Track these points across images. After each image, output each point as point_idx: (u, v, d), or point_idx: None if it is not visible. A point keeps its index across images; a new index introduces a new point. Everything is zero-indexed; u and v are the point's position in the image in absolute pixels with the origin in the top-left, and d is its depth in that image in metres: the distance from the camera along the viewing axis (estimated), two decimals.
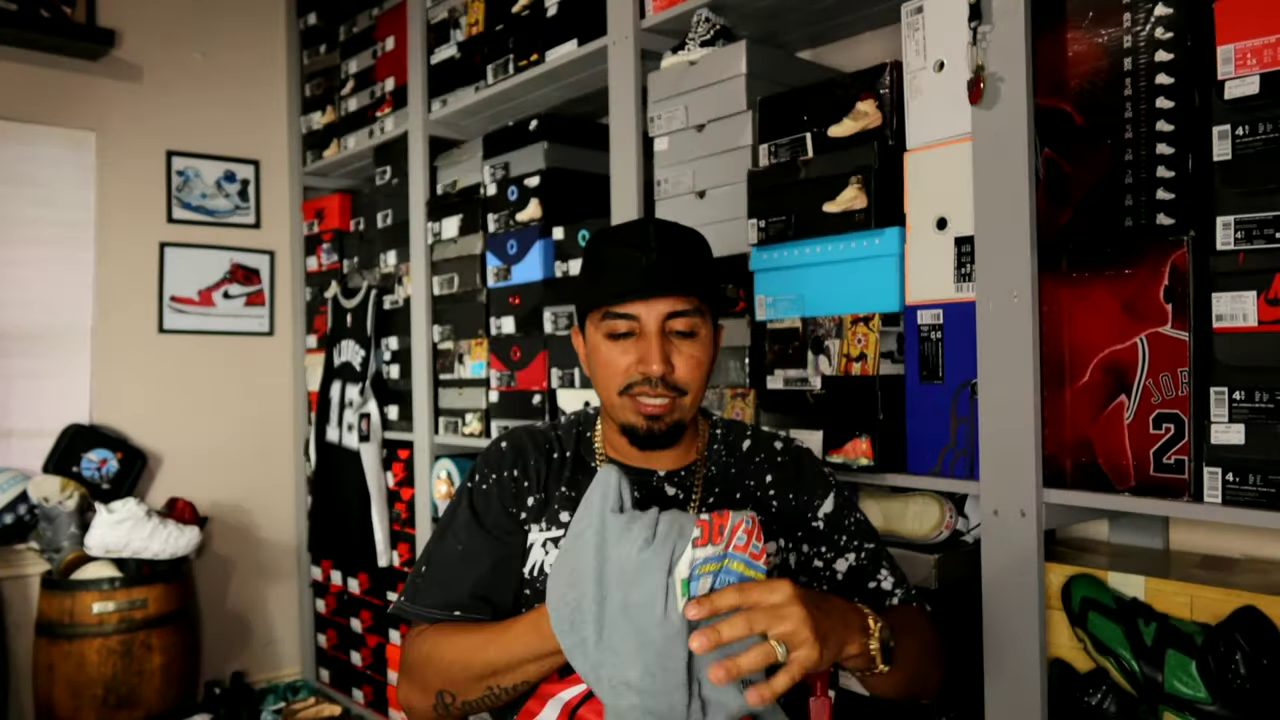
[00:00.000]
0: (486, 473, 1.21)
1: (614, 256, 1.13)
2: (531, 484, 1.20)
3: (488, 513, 1.18)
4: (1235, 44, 1.18)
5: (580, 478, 1.21)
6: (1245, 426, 1.19)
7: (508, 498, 1.19)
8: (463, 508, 1.20)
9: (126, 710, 2.69)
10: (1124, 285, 1.30)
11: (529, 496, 1.20)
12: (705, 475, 1.21)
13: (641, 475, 1.19)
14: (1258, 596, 1.22)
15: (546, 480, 1.21)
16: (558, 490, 1.20)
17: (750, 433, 1.28)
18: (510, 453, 1.22)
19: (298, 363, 3.51)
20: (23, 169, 3.02)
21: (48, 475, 2.90)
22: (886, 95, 1.58)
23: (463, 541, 1.18)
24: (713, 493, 1.20)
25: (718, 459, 1.24)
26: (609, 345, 1.14)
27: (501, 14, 2.42)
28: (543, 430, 1.27)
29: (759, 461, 1.24)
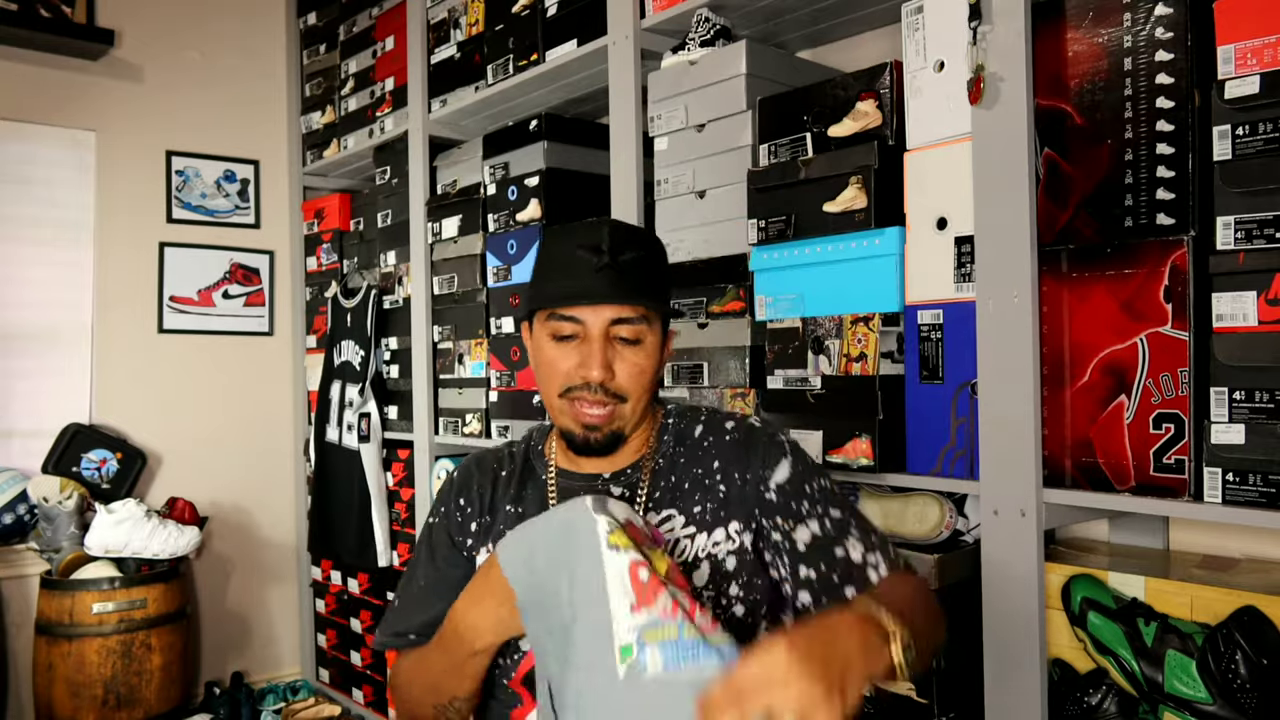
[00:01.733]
0: (438, 506, 1.25)
1: (565, 256, 1.11)
2: (474, 509, 1.21)
3: (438, 547, 1.22)
4: (1235, 44, 1.19)
5: (529, 490, 1.21)
6: (1245, 426, 1.19)
7: (453, 527, 1.22)
8: (421, 547, 1.25)
9: (126, 710, 2.69)
10: (1124, 285, 1.30)
11: (472, 523, 1.21)
12: (652, 469, 1.18)
13: (586, 480, 1.18)
14: (1258, 596, 1.22)
15: (491, 502, 1.21)
16: (504, 508, 1.20)
17: (705, 417, 1.24)
18: (457, 483, 1.25)
19: (298, 363, 3.51)
20: (23, 169, 3.01)
21: (47, 475, 2.90)
22: (886, 95, 1.58)
23: (422, 577, 1.22)
24: (659, 486, 1.17)
25: (666, 451, 1.20)
26: (552, 346, 1.12)
27: (501, 14, 2.42)
28: (495, 451, 1.28)
29: (707, 446, 1.19)
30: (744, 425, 1.21)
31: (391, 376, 2.92)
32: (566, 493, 1.17)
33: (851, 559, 1.07)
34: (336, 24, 3.22)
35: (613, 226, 1.12)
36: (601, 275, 1.08)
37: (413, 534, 2.78)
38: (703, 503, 1.15)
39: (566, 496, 1.15)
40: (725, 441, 1.19)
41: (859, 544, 1.08)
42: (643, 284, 1.11)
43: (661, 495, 1.16)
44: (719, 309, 1.83)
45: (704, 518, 1.14)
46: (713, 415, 1.24)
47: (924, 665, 0.93)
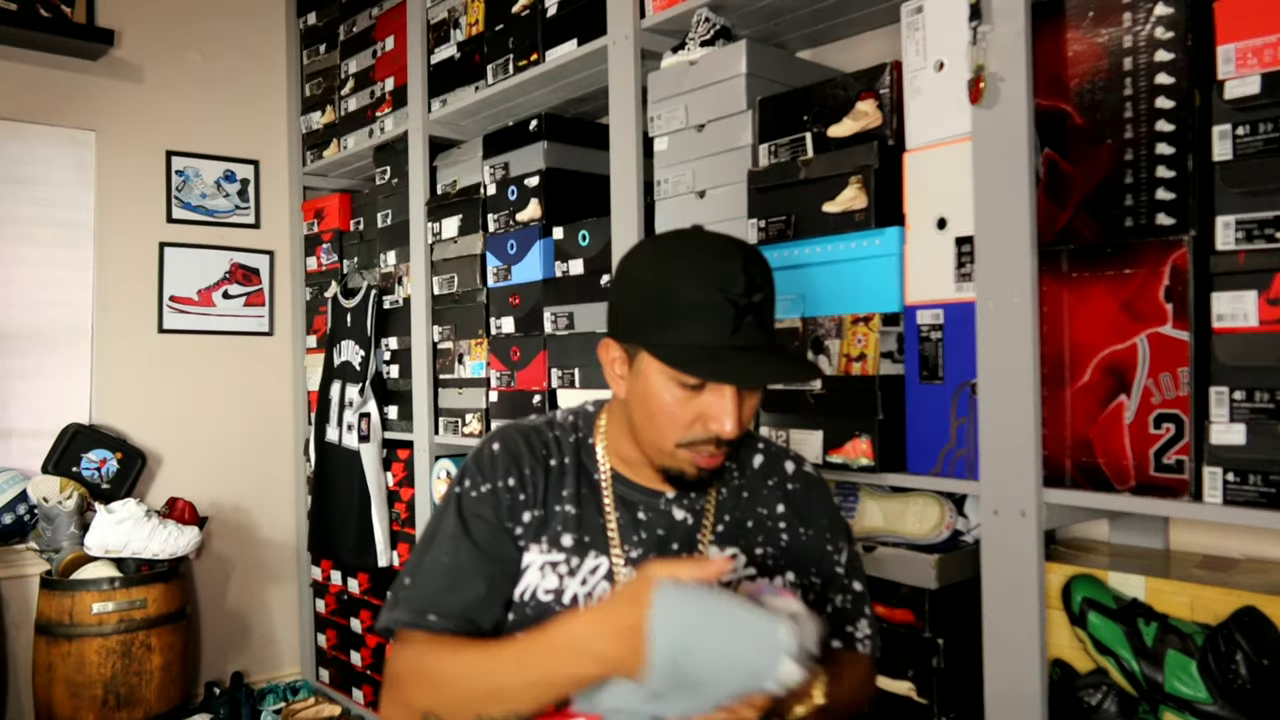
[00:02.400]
0: (478, 479, 1.11)
1: (695, 297, 0.99)
2: (529, 497, 1.11)
3: (478, 525, 1.09)
4: (1235, 44, 1.18)
5: (584, 492, 1.13)
6: (1245, 426, 1.19)
7: (502, 510, 1.10)
8: (450, 516, 1.10)
9: (126, 710, 2.69)
10: (1124, 285, 1.30)
11: (525, 511, 1.10)
12: (717, 499, 1.15)
13: (648, 496, 1.12)
14: (1258, 596, 1.22)
15: (545, 493, 1.11)
16: (558, 506, 1.11)
17: (761, 446, 1.22)
18: (504, 458, 1.12)
19: (298, 363, 3.51)
20: (23, 169, 3.01)
21: (47, 475, 2.90)
22: (886, 95, 1.58)
23: (448, 553, 1.08)
24: (723, 520, 1.14)
25: (729, 480, 1.17)
26: (674, 392, 1.02)
27: (501, 14, 2.42)
28: (538, 430, 1.16)
29: (772, 486, 1.18)
30: (804, 474, 1.21)
31: (391, 376, 2.92)
32: (626, 505, 1.12)
33: (855, 636, 1.17)
34: (336, 24, 3.22)
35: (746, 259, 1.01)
36: (741, 333, 0.99)
37: (413, 534, 2.77)
38: (765, 546, 1.14)
39: (627, 509, 1.12)
40: (789, 489, 1.18)
41: (867, 626, 1.18)
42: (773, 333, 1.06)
43: (726, 530, 1.14)
44: None
45: (765, 562, 1.13)
46: (768, 445, 1.23)
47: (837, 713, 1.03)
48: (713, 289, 0.98)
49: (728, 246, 1.02)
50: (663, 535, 1.12)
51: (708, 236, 1.05)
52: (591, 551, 1.10)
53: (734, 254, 1.01)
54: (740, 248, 1.03)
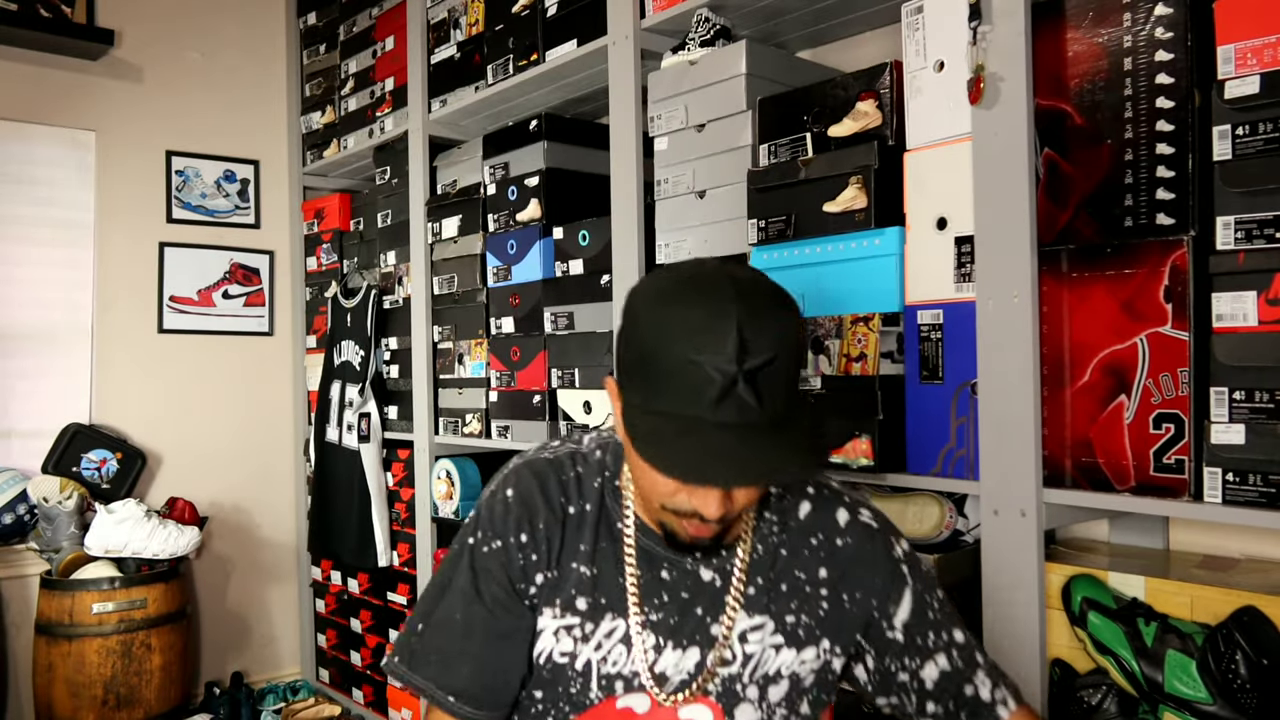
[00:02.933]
0: (489, 534, 1.05)
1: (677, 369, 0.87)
2: (541, 557, 1.03)
3: (488, 585, 1.03)
4: (1235, 44, 1.19)
5: (603, 546, 1.04)
6: (1245, 426, 1.19)
7: (514, 570, 1.03)
8: (463, 569, 1.05)
9: (126, 710, 2.69)
10: (1124, 285, 1.30)
11: (537, 573, 1.03)
12: (751, 557, 1.04)
13: (674, 552, 1.03)
14: (1258, 596, 1.22)
15: (560, 552, 1.04)
16: (573, 564, 1.03)
17: (811, 491, 1.09)
18: (517, 509, 1.04)
19: (298, 363, 3.51)
20: (23, 169, 3.01)
21: (47, 475, 2.90)
22: (886, 95, 1.58)
23: (460, 610, 1.04)
24: (755, 583, 1.04)
25: (766, 535, 1.06)
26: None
27: (501, 14, 2.42)
28: (559, 467, 1.07)
29: (816, 545, 1.06)
30: (858, 525, 1.08)
31: (391, 376, 2.92)
32: (649, 561, 1.04)
33: (981, 698, 1.03)
34: (336, 24, 3.22)
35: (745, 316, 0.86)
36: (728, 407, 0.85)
37: (413, 534, 2.77)
38: (799, 614, 1.04)
39: (650, 566, 1.03)
40: (837, 547, 1.06)
41: (986, 679, 1.04)
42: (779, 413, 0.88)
43: (756, 595, 1.04)
44: None
45: (797, 632, 1.04)
46: (822, 490, 1.10)
47: None
48: (694, 351, 0.86)
49: (726, 302, 0.87)
50: (686, 599, 1.03)
51: (713, 283, 0.89)
52: (608, 614, 1.03)
53: (729, 310, 0.86)
54: (742, 302, 0.87)
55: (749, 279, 0.92)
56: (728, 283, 0.89)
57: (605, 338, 2.10)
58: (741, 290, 0.89)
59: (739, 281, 0.90)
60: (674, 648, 1.03)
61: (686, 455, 0.86)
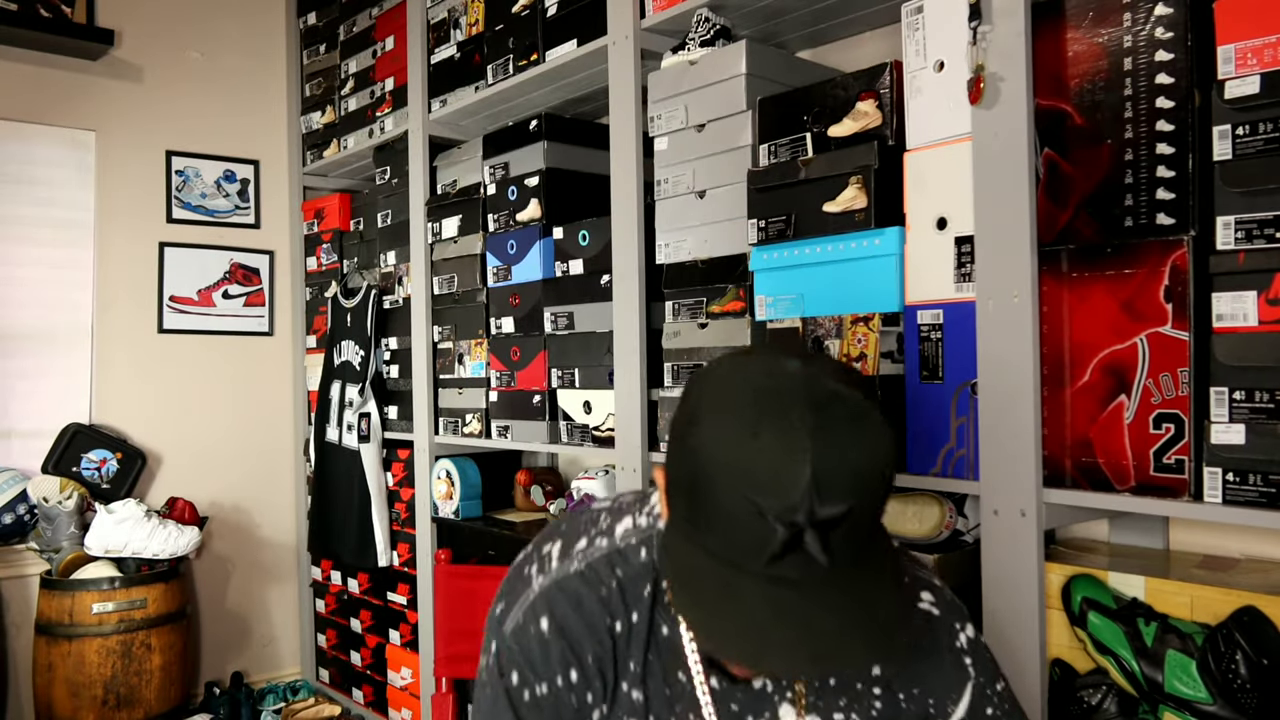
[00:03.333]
0: (530, 677, 0.90)
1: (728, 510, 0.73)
2: (597, 693, 0.90)
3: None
4: (1235, 44, 1.19)
5: (651, 659, 0.91)
6: (1245, 426, 1.19)
7: (568, 714, 0.90)
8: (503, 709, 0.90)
9: (126, 710, 2.69)
10: (1124, 285, 1.30)
11: (594, 710, 0.91)
12: None
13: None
14: (1258, 596, 1.22)
15: (615, 680, 0.91)
16: (622, 688, 0.91)
17: None
18: (558, 645, 0.89)
19: (298, 363, 3.51)
20: (23, 169, 3.02)
21: (47, 475, 2.90)
22: (886, 95, 1.58)
23: None
24: (803, 680, 0.93)
25: None
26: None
27: (501, 14, 2.42)
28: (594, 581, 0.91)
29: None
30: (919, 617, 0.94)
31: (391, 376, 2.92)
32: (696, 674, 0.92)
33: None
34: (336, 24, 3.22)
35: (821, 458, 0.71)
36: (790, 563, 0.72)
37: (413, 534, 2.77)
38: (848, 712, 0.94)
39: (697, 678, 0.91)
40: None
41: None
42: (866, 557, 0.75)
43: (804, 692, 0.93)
44: (719, 309, 1.83)
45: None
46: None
47: None
48: (756, 492, 0.71)
49: (800, 434, 0.71)
50: (736, 710, 0.93)
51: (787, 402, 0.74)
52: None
53: (803, 445, 0.71)
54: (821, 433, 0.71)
55: (829, 395, 0.74)
56: (804, 404, 0.73)
57: (605, 337, 2.10)
58: (821, 417, 0.73)
59: (819, 402, 0.73)
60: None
61: (729, 624, 0.73)
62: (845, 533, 0.72)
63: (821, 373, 0.77)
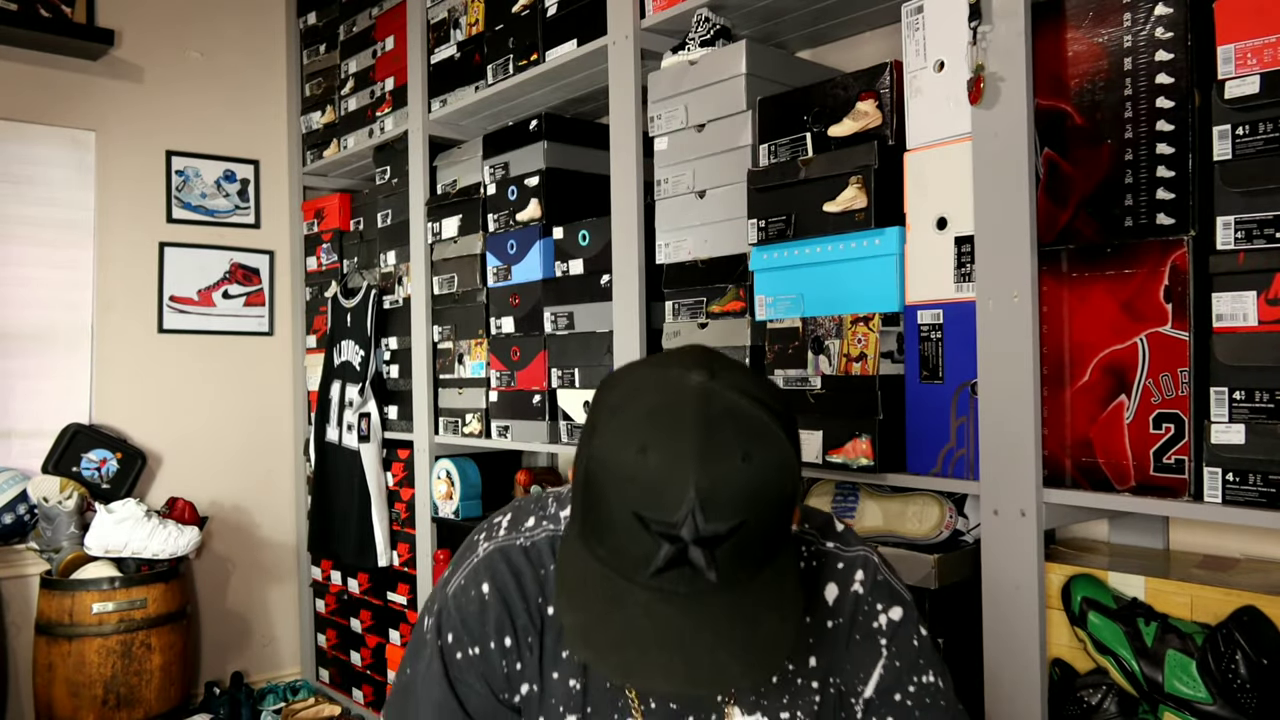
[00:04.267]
0: (465, 639, 0.91)
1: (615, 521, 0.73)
2: (526, 665, 0.91)
3: (469, 697, 0.91)
4: (1235, 44, 1.19)
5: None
6: (1245, 426, 1.19)
7: (497, 680, 0.91)
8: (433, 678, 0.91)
9: (126, 710, 2.69)
10: (1124, 285, 1.30)
11: (523, 683, 0.92)
12: None
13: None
14: (1258, 596, 1.22)
15: (541, 658, 0.92)
16: (556, 675, 0.92)
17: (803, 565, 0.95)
18: (496, 610, 0.91)
19: (298, 363, 3.51)
20: (23, 169, 3.01)
21: (47, 475, 2.90)
22: (886, 95, 1.58)
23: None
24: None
25: None
26: None
27: (501, 14, 2.42)
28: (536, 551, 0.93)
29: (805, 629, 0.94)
30: (849, 600, 0.94)
31: (391, 376, 2.92)
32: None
33: None
34: (336, 24, 3.22)
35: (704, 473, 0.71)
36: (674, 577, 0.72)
37: (413, 534, 2.77)
38: (792, 709, 0.93)
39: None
40: (827, 630, 0.94)
41: None
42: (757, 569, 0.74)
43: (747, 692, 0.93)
44: (719, 309, 1.83)
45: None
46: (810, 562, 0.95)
47: None
48: (642, 506, 0.71)
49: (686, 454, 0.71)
50: (675, 709, 0.93)
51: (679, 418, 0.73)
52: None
53: (686, 465, 0.71)
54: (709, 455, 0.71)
55: (725, 412, 0.74)
56: (696, 422, 0.72)
57: (605, 337, 2.10)
58: (712, 434, 0.72)
59: (711, 419, 0.73)
60: None
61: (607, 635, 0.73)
62: (734, 549, 0.72)
63: (724, 388, 0.76)
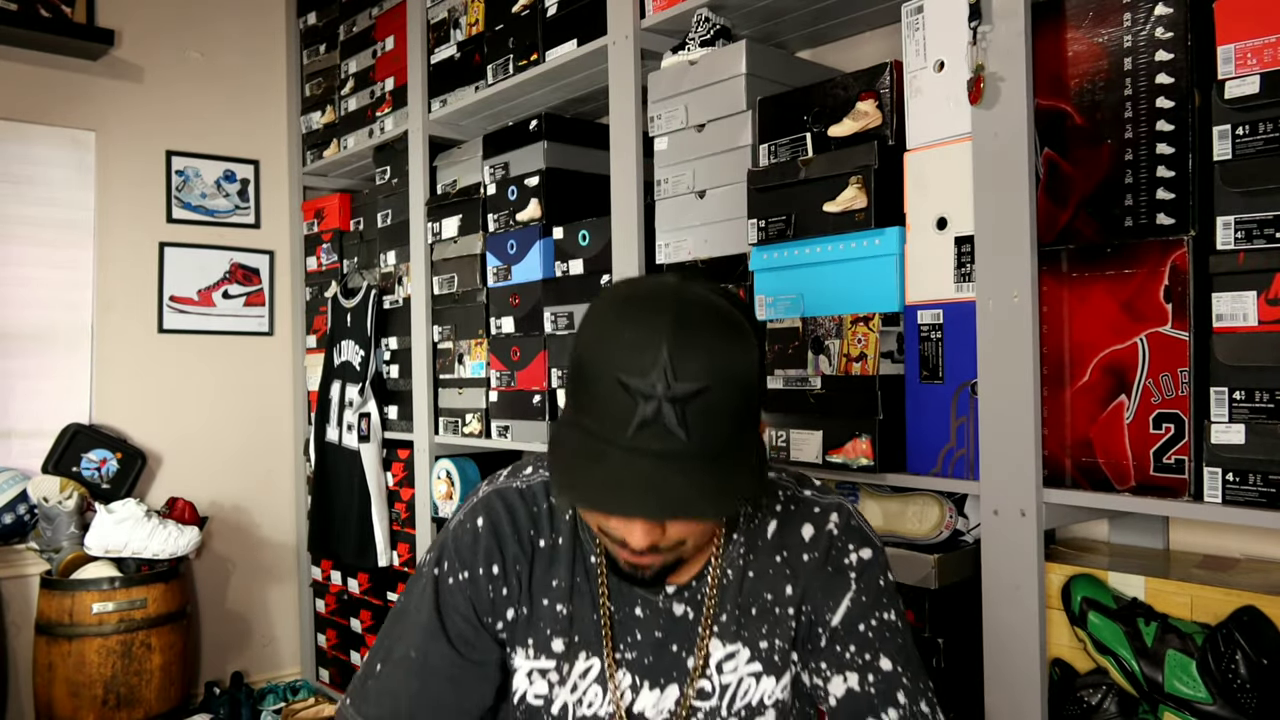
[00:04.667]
0: (456, 565, 1.00)
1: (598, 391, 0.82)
2: (512, 591, 0.99)
3: (454, 621, 0.99)
4: (1235, 44, 1.19)
5: (578, 581, 1.00)
6: (1245, 426, 1.19)
7: (482, 604, 0.99)
8: (425, 602, 1.00)
9: (126, 710, 2.69)
10: (1124, 285, 1.30)
11: (509, 608, 1.00)
12: (720, 584, 1.00)
13: (645, 587, 0.98)
14: (1258, 596, 1.22)
15: (530, 587, 0.99)
16: (545, 602, 0.99)
17: (779, 506, 1.02)
18: (487, 540, 1.00)
19: (298, 363, 3.51)
20: (23, 169, 3.01)
21: (47, 475, 2.90)
22: (886, 95, 1.58)
23: (419, 648, 0.98)
24: (726, 609, 0.99)
25: (735, 560, 1.00)
26: None
27: (501, 14, 2.42)
28: (530, 493, 1.03)
29: (780, 564, 1.00)
30: (824, 538, 1.01)
31: (391, 376, 2.92)
32: (621, 597, 1.00)
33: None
34: (336, 24, 3.22)
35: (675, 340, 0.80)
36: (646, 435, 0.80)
37: (413, 534, 2.77)
38: (771, 638, 0.99)
39: (622, 602, 1.00)
40: (802, 562, 1.00)
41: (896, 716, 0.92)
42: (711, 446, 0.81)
43: (728, 622, 0.99)
44: None
45: (773, 659, 0.99)
46: (789, 505, 1.03)
47: None
48: (622, 371, 0.80)
49: (661, 324, 0.81)
50: (660, 637, 1.00)
51: (656, 301, 0.83)
52: (583, 653, 1.01)
53: (660, 331, 0.80)
54: (679, 326, 0.81)
55: (698, 301, 0.84)
56: (671, 303, 0.83)
57: None
58: (683, 313, 0.82)
59: (685, 303, 0.83)
60: (651, 687, 1.00)
61: (592, 481, 0.81)
62: (702, 412, 0.80)
63: (696, 286, 0.87)
